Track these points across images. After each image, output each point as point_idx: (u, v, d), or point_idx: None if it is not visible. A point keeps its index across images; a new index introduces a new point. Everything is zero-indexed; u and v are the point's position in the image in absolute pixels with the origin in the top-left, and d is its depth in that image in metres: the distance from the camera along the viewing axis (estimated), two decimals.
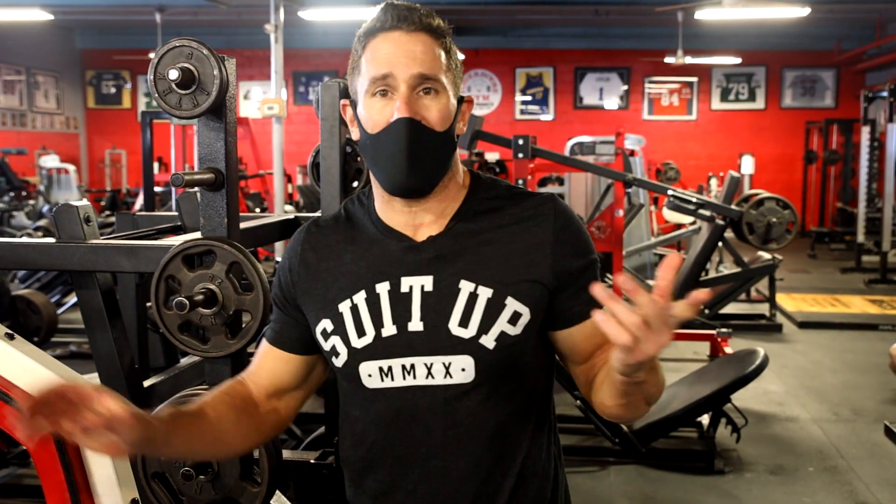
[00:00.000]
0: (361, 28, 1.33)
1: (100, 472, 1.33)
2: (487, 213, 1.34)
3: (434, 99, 1.29)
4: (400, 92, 1.26)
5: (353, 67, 1.33)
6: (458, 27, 9.76)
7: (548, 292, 1.31)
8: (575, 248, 1.33)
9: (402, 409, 1.31)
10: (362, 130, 1.32)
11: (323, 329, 1.35)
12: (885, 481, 4.20)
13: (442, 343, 1.28)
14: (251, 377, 1.44)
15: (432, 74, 1.27)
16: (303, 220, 3.06)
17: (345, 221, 1.41)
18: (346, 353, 1.32)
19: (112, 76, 14.17)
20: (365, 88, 1.29)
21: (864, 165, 9.39)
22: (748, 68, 13.03)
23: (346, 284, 1.34)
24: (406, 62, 1.26)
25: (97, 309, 2.49)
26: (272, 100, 7.21)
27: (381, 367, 1.31)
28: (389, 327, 1.30)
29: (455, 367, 1.28)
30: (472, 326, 1.28)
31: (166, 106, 2.14)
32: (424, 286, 1.30)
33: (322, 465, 3.06)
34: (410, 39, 1.28)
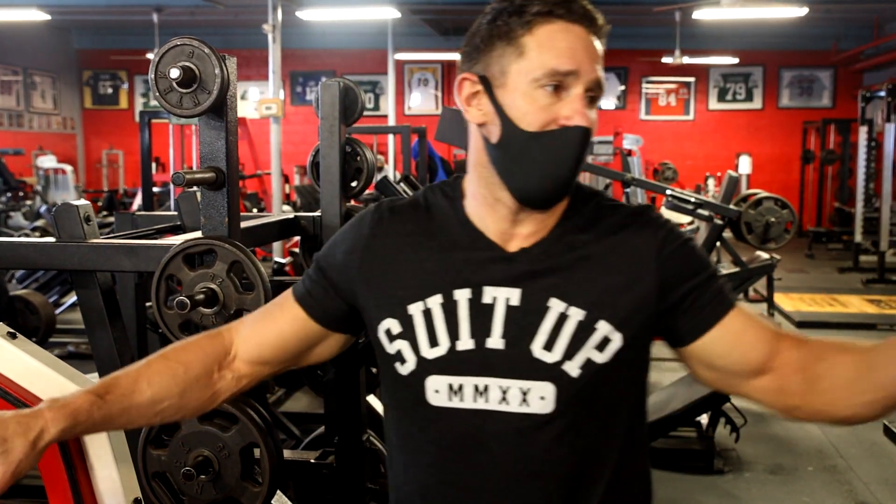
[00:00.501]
0: (523, 2, 1.15)
1: (102, 472, 1.34)
2: (585, 226, 1.21)
3: (593, 109, 1.18)
4: (575, 94, 1.14)
5: (506, 44, 1.16)
6: (455, 27, 9.69)
7: (654, 312, 1.18)
8: (685, 263, 1.20)
9: (467, 434, 1.18)
10: (507, 123, 1.15)
11: (387, 329, 1.22)
12: (884, 480, 4.21)
13: (522, 365, 1.15)
14: (244, 337, 1.33)
15: (603, 84, 1.17)
16: (302, 220, 3.06)
17: (424, 212, 1.26)
18: (414, 361, 1.19)
19: (109, 76, 14.16)
20: (534, 76, 1.13)
21: (862, 165, 9.42)
22: (745, 68, 13.05)
23: (418, 284, 1.21)
24: (590, 63, 1.14)
25: (97, 308, 2.49)
26: (270, 100, 7.21)
27: (452, 383, 1.18)
28: (466, 340, 1.17)
29: (534, 394, 1.15)
30: (556, 350, 1.15)
31: (167, 105, 2.14)
32: (510, 299, 1.17)
33: (322, 464, 3.06)
34: (592, 40, 1.16)
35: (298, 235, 3.11)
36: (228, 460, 2.22)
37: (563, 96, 1.13)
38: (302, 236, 3.10)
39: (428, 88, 13.54)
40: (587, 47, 1.14)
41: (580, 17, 1.14)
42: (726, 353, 1.19)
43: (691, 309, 1.18)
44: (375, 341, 1.25)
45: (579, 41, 1.14)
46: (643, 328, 1.18)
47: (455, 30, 11.88)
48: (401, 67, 12.97)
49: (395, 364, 1.21)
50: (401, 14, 8.48)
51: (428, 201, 1.27)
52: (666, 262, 1.18)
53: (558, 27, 1.13)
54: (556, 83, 1.12)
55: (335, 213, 2.98)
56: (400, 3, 8.41)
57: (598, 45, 1.16)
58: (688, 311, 1.18)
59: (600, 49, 1.17)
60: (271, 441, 2.24)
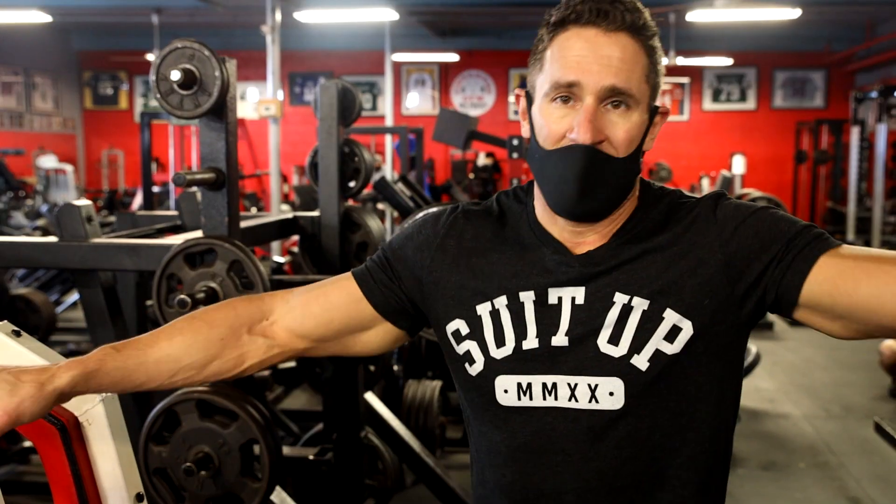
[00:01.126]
0: (552, 12, 1.12)
1: (105, 467, 1.35)
2: (653, 225, 1.17)
3: (623, 115, 1.10)
4: (584, 104, 1.08)
5: (536, 59, 1.15)
6: (451, 28, 9.73)
7: (728, 296, 1.11)
8: (753, 237, 1.11)
9: (538, 433, 1.15)
10: (533, 137, 1.15)
11: (456, 330, 1.21)
12: (874, 476, 4.26)
13: (588, 361, 1.12)
14: (290, 306, 1.28)
15: (625, 87, 1.09)
16: (301, 219, 3.10)
17: (497, 217, 1.25)
18: (482, 362, 1.18)
19: (109, 77, 14.17)
20: (545, 91, 1.11)
21: (854, 165, 9.47)
22: (739, 69, 13.09)
23: (486, 285, 1.20)
24: (598, 70, 1.07)
25: (99, 307, 2.53)
26: (269, 101, 7.25)
27: (521, 383, 1.15)
28: (532, 340, 1.15)
29: (602, 390, 1.11)
30: (623, 344, 1.11)
31: (168, 106, 2.19)
32: (575, 298, 1.14)
33: (321, 461, 3.10)
34: (608, 41, 1.08)
35: (297, 235, 3.15)
36: (228, 457, 2.26)
37: (577, 107, 1.09)
38: (301, 236, 3.14)
39: (425, 89, 13.57)
40: (598, 50, 1.08)
41: (592, 18, 1.08)
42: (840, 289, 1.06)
43: (778, 273, 1.09)
44: (444, 342, 1.24)
45: (588, 47, 1.08)
46: (717, 315, 1.11)
47: (452, 31, 11.92)
48: (398, 68, 13.00)
49: (465, 365, 1.20)
50: (398, 16, 8.51)
51: (501, 206, 1.26)
52: (728, 241, 1.11)
53: (569, 34, 1.09)
54: (563, 95, 1.09)
55: (333, 212, 3.02)
56: (398, 5, 8.45)
57: (621, 42, 1.09)
58: (776, 278, 1.09)
59: (628, 45, 1.09)
60: (271, 437, 2.28)
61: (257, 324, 1.26)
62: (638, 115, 1.11)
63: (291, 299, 1.29)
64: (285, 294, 1.31)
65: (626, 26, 1.09)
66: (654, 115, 1.16)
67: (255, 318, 1.26)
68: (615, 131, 1.10)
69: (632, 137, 1.10)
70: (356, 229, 3.16)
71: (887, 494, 4.04)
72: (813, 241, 1.09)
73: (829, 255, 1.08)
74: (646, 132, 1.14)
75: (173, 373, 1.21)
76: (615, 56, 1.08)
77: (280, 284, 2.50)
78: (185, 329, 1.22)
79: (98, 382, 1.15)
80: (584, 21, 1.08)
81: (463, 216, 1.26)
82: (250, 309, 1.27)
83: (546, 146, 1.12)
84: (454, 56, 12.08)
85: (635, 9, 1.10)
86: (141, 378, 1.19)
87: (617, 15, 1.08)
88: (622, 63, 1.08)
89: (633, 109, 1.10)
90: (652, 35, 1.12)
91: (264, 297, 1.30)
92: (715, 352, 1.13)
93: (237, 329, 1.24)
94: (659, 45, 1.14)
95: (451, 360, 1.24)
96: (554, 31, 1.11)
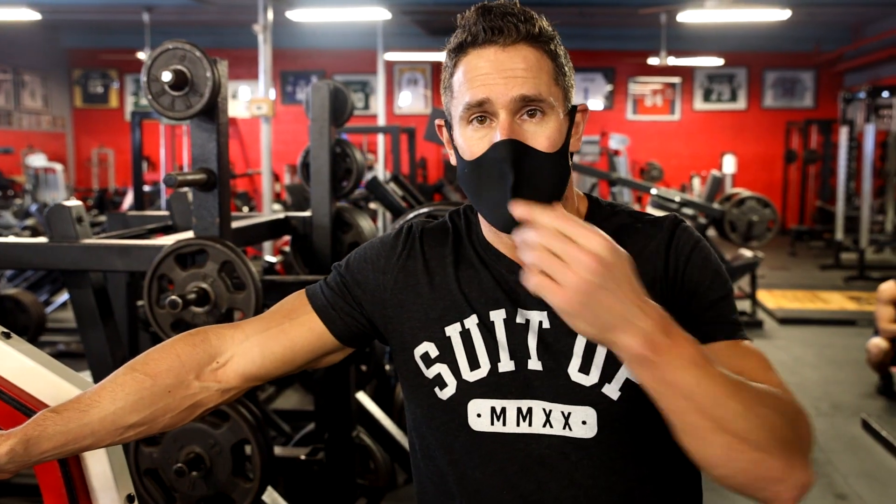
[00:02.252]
0: (451, 40, 1.14)
1: (96, 468, 1.34)
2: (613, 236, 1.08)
3: (540, 123, 1.09)
4: (500, 119, 1.08)
5: (445, 87, 1.15)
6: (441, 28, 9.73)
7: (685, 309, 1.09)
8: (693, 282, 1.11)
9: (512, 459, 1.13)
10: (459, 158, 1.14)
11: (425, 353, 1.17)
12: (861, 473, 4.29)
13: (561, 389, 1.10)
14: (243, 349, 1.21)
15: (535, 95, 1.07)
16: (292, 219, 3.11)
17: (452, 235, 1.23)
18: (454, 385, 1.15)
19: (99, 75, 14.13)
20: (460, 114, 1.11)
21: (843, 165, 9.51)
22: (730, 69, 13.14)
23: (453, 305, 1.17)
24: (504, 83, 1.07)
25: (89, 308, 2.52)
26: (260, 99, 7.23)
27: (494, 407, 1.13)
28: (506, 362, 1.13)
29: (575, 418, 1.10)
30: (593, 373, 1.09)
31: (159, 107, 2.19)
32: (542, 322, 1.12)
33: (312, 461, 3.10)
34: (508, 56, 1.08)
35: (289, 235, 3.16)
36: (220, 457, 2.26)
37: (493, 125, 1.08)
38: (292, 236, 3.14)
39: (417, 88, 13.57)
40: (500, 67, 1.07)
41: (487, 37, 1.08)
42: None
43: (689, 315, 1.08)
44: (409, 366, 1.19)
45: (489, 64, 1.08)
46: None
47: (445, 30, 11.86)
48: (390, 67, 13.00)
49: (434, 389, 1.16)
50: (391, 15, 8.51)
51: (454, 224, 1.24)
52: (671, 258, 1.12)
53: (470, 57, 1.10)
54: (478, 116, 1.09)
55: (325, 212, 3.02)
56: (390, 4, 8.45)
57: (522, 53, 1.08)
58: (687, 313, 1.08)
59: (529, 54, 1.08)
60: (262, 438, 2.29)
61: (206, 367, 1.19)
62: (555, 119, 1.09)
63: (246, 340, 1.21)
64: (235, 332, 1.22)
65: (522, 37, 1.08)
66: (573, 115, 1.14)
67: (201, 362, 1.19)
68: (536, 140, 1.08)
69: (554, 141, 1.08)
70: (348, 229, 3.17)
71: (874, 490, 4.07)
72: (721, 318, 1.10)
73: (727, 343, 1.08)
74: (568, 133, 1.12)
75: (122, 431, 1.14)
76: (518, 67, 1.07)
77: (272, 284, 2.51)
78: (127, 385, 1.14)
79: (40, 449, 1.09)
80: (482, 41, 1.09)
81: (420, 236, 1.23)
82: (195, 353, 1.19)
83: (471, 158, 1.10)
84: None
85: (528, 18, 1.09)
86: (88, 440, 1.12)
87: (511, 28, 1.08)
88: (526, 72, 1.07)
89: (550, 115, 1.09)
90: (549, 39, 1.10)
91: (209, 337, 1.21)
92: None
93: (184, 377, 1.17)
94: (561, 48, 1.13)
95: (416, 385, 1.19)
96: (455, 56, 1.12)
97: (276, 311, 1.25)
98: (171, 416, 1.17)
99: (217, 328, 1.23)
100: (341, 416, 3.06)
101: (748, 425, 0.90)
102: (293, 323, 1.22)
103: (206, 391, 1.19)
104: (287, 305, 1.25)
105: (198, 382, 1.18)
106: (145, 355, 1.18)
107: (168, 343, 1.20)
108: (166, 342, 1.21)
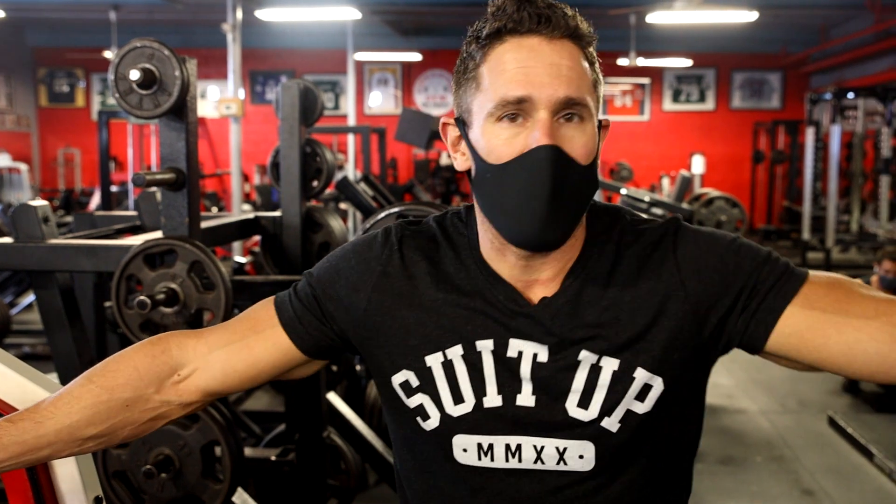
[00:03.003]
0: (481, 25, 1.01)
1: (63, 470, 1.32)
2: (610, 260, 1.05)
3: (578, 128, 0.99)
4: (539, 119, 0.96)
5: (467, 78, 1.02)
6: (414, 28, 9.69)
7: (696, 345, 1.04)
8: (714, 276, 1.03)
9: (500, 494, 1.07)
10: (478, 160, 1.01)
11: (404, 381, 1.08)
12: (828, 469, 4.36)
13: (557, 424, 1.04)
14: (206, 363, 1.14)
15: (579, 98, 0.97)
16: (262, 219, 3.09)
17: (439, 246, 1.10)
18: (438, 418, 1.07)
19: (65, 74, 13.94)
20: (488, 110, 0.98)
21: (809, 165, 9.64)
22: (698, 70, 13.28)
23: (436, 332, 1.07)
24: (550, 81, 0.96)
25: (56, 309, 2.49)
26: (230, 99, 7.18)
27: (481, 443, 1.06)
28: (493, 397, 1.05)
29: (571, 453, 1.04)
30: (593, 407, 1.03)
31: (127, 106, 2.17)
32: (538, 355, 1.04)
33: (283, 462, 3.09)
34: (554, 50, 0.97)
35: (259, 235, 3.14)
36: (189, 458, 2.25)
37: (527, 124, 0.97)
38: (262, 236, 3.13)
39: (388, 88, 13.55)
40: (545, 61, 0.96)
41: (533, 25, 0.97)
42: (801, 346, 1.02)
43: (742, 324, 1.03)
44: (388, 392, 1.11)
45: (533, 57, 0.96)
46: (687, 365, 1.04)
47: (415, 30, 11.92)
48: (361, 67, 12.97)
49: (417, 419, 1.08)
50: (361, 15, 8.49)
51: (446, 233, 1.11)
52: (692, 287, 1.03)
53: (508, 46, 0.98)
54: (511, 113, 0.97)
55: (295, 212, 3.01)
56: (360, 4, 8.43)
57: (568, 50, 0.98)
58: (741, 328, 1.03)
59: (574, 53, 0.99)
60: (232, 438, 2.27)
61: (166, 380, 1.13)
62: (591, 126, 1.00)
63: (209, 353, 1.14)
64: (198, 343, 1.15)
65: (569, 32, 0.98)
66: (600, 129, 1.05)
67: (161, 375, 1.12)
68: (573, 146, 0.98)
69: (590, 150, 1.00)
70: (318, 229, 3.16)
71: (840, 486, 4.13)
72: (777, 283, 1.02)
73: (797, 304, 1.02)
74: (598, 146, 1.04)
75: (80, 443, 1.10)
76: (564, 64, 0.97)
77: (242, 285, 2.49)
78: (83, 398, 1.09)
79: None
80: (526, 29, 0.97)
81: (399, 246, 1.10)
82: (154, 365, 1.12)
83: (497, 162, 0.99)
84: (417, 55, 12.08)
85: (574, 14, 1.00)
86: (46, 451, 1.08)
87: (560, 20, 0.97)
88: (571, 72, 0.97)
89: (588, 121, 0.99)
90: (591, 42, 1.01)
91: (170, 347, 1.14)
92: (685, 398, 1.08)
93: (142, 391, 1.11)
94: (596, 55, 1.04)
95: (398, 409, 1.11)
96: (488, 44, 0.99)
97: (242, 319, 1.17)
98: (130, 428, 1.13)
99: (179, 337, 1.16)
100: (312, 417, 3.05)
101: None
102: (258, 337, 1.14)
103: (167, 405, 1.13)
104: (254, 315, 1.17)
105: (158, 396, 1.12)
106: (103, 367, 1.13)
107: (127, 353, 1.14)
108: (125, 351, 1.15)
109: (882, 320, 0.98)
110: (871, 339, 0.98)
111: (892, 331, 0.98)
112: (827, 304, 1.01)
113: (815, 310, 1.01)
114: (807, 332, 1.01)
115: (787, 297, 1.02)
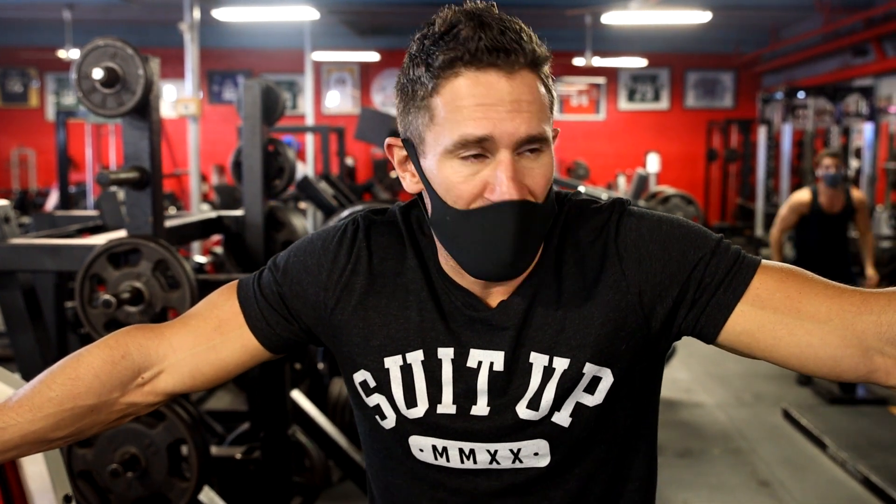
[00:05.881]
0: (431, 47, 0.95)
1: (32, 469, 1.33)
2: (562, 253, 1.05)
3: (537, 160, 0.97)
4: (501, 160, 0.94)
5: (417, 105, 0.98)
6: (372, 27, 9.66)
7: (644, 336, 1.03)
8: (661, 261, 1.01)
9: (459, 490, 1.09)
10: (435, 197, 0.99)
11: (363, 381, 1.09)
12: (783, 460, 4.47)
13: (507, 429, 1.04)
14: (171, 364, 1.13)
15: (539, 133, 0.95)
16: (225, 219, 3.09)
17: (405, 245, 1.09)
18: (394, 418, 1.08)
19: (18, 74, 13.66)
20: (445, 146, 0.95)
21: (762, 163, 9.84)
22: (653, 70, 13.45)
23: (397, 334, 1.06)
24: (511, 119, 0.93)
25: (18, 310, 2.48)
26: (188, 99, 7.11)
27: (435, 445, 1.07)
28: (448, 405, 1.05)
29: (526, 451, 1.05)
30: (543, 406, 1.03)
31: (90, 105, 2.17)
32: (494, 364, 1.04)
33: (248, 460, 3.10)
34: (513, 86, 0.93)
35: (221, 234, 3.14)
36: (156, 457, 2.25)
37: (488, 162, 0.95)
38: (225, 235, 3.13)
39: (346, 88, 13.52)
40: (504, 99, 0.93)
41: (490, 59, 0.92)
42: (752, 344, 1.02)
43: (692, 318, 1.03)
44: (352, 388, 1.12)
45: (492, 93, 0.93)
46: (636, 356, 1.04)
47: (372, 30, 11.91)
48: (318, 67, 12.92)
49: (376, 417, 1.09)
50: (319, 15, 8.47)
51: (410, 230, 1.10)
52: (636, 276, 1.02)
53: (465, 81, 0.93)
54: (473, 153, 0.94)
55: (258, 211, 3.02)
56: (318, 4, 8.40)
57: (527, 81, 0.94)
58: (691, 322, 1.03)
59: (532, 82, 0.95)
60: (199, 436, 2.28)
61: (130, 383, 1.11)
62: (549, 153, 0.98)
63: (173, 354, 1.12)
64: (160, 345, 1.13)
65: (527, 62, 0.94)
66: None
67: (124, 379, 1.11)
68: (534, 179, 0.97)
69: (548, 180, 0.98)
70: (280, 228, 3.17)
71: (795, 477, 4.24)
72: (727, 276, 1.01)
73: (747, 302, 1.00)
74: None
75: (46, 444, 1.10)
76: (524, 101, 0.93)
77: (205, 284, 2.49)
78: (44, 407, 1.07)
79: None
80: (486, 62, 0.92)
81: (367, 243, 1.09)
82: (116, 372, 1.10)
83: (458, 206, 0.97)
84: (375, 55, 12.06)
85: (529, 36, 0.95)
86: (12, 453, 1.08)
87: (517, 50, 0.93)
88: (531, 106, 0.94)
89: (545, 150, 0.97)
90: (545, 61, 0.97)
91: (130, 352, 1.12)
92: (637, 389, 1.08)
93: (106, 396, 1.10)
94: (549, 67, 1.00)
95: (360, 408, 1.12)
96: (440, 73, 0.94)
97: (207, 317, 1.15)
98: (98, 427, 1.13)
99: (138, 339, 1.13)
100: (276, 415, 3.06)
101: None
102: (224, 339, 1.12)
103: (133, 406, 1.13)
104: (218, 314, 1.14)
105: (123, 399, 1.12)
106: (62, 372, 1.10)
107: (85, 359, 1.11)
108: (83, 354, 1.12)
109: (834, 324, 0.98)
110: (823, 344, 0.98)
111: (843, 334, 0.97)
112: (779, 302, 1.00)
113: (766, 309, 1.00)
114: (758, 332, 1.00)
115: (737, 292, 1.00)
